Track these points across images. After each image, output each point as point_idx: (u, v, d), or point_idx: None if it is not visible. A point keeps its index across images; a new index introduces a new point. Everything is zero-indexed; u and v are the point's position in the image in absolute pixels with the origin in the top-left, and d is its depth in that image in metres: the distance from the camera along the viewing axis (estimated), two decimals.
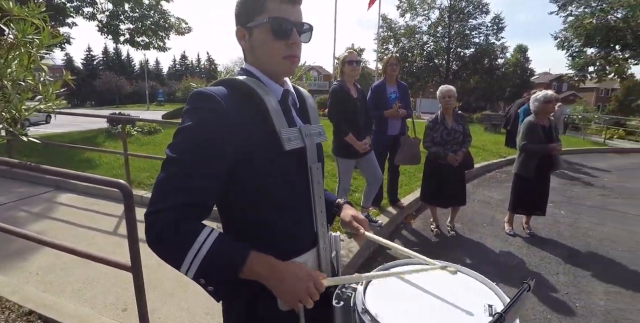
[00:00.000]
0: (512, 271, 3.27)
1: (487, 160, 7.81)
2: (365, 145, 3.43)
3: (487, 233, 4.09)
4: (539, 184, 3.87)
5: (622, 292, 2.99)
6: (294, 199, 0.98)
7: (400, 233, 4.02)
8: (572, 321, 2.60)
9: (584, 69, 22.13)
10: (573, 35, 21.51)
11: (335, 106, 3.42)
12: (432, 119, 3.77)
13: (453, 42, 29.91)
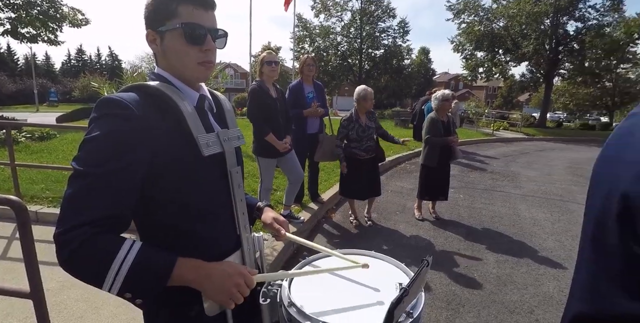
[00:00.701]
0: (422, 251, 3.65)
1: (398, 153, 8.49)
2: (286, 145, 3.50)
3: (400, 220, 4.48)
4: (441, 173, 4.36)
5: (509, 259, 3.54)
6: (215, 204, 0.98)
7: (322, 228, 4.19)
8: (471, 289, 3.00)
9: (475, 69, 25.11)
10: (466, 40, 24.29)
11: (255, 106, 3.43)
12: (347, 118, 3.98)
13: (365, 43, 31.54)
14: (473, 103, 18.62)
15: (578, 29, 21.65)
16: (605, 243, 0.63)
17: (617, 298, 0.61)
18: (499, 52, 24.05)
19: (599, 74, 22.48)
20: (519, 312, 2.71)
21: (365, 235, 4.01)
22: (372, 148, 4.01)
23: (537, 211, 5.09)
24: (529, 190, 6.28)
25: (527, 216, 4.85)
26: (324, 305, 1.04)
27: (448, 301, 2.81)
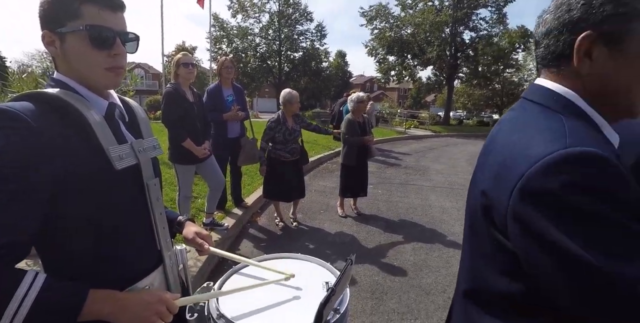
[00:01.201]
0: (347, 247, 3.80)
1: (320, 154, 8.73)
2: (205, 150, 3.38)
3: (324, 219, 4.61)
4: (360, 170, 4.60)
5: (423, 246, 3.87)
6: (132, 221, 0.91)
7: (248, 233, 4.13)
8: (392, 277, 3.21)
9: (387, 72, 26.92)
10: (378, 45, 25.90)
11: (170, 110, 3.24)
12: (275, 120, 3.98)
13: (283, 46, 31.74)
14: (387, 104, 20.03)
15: (472, 38, 24.52)
16: (478, 231, 0.75)
17: (491, 276, 0.72)
18: (407, 57, 26.09)
19: (489, 78, 25.68)
20: (434, 292, 2.99)
21: (291, 236, 4.05)
22: (296, 150, 4.07)
23: (444, 200, 5.65)
24: (438, 182, 6.94)
25: (436, 205, 5.36)
26: (253, 313, 1.05)
27: (372, 291, 2.98)
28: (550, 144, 0.60)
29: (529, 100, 0.76)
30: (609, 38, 0.64)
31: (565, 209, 0.56)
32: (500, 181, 0.65)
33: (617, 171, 0.57)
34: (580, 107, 0.69)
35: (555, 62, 0.71)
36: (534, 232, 0.59)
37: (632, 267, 0.54)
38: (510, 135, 0.71)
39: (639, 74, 0.66)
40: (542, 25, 0.72)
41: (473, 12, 23.79)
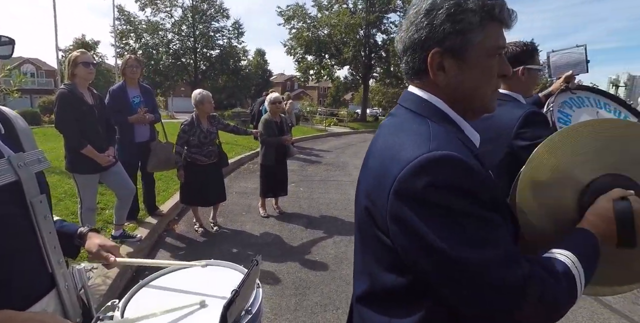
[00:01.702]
0: (270, 247, 3.84)
1: (240, 154, 8.61)
2: (109, 157, 3.13)
3: (246, 221, 4.58)
4: (279, 170, 4.66)
5: (343, 239, 4.07)
6: (15, 243, 0.82)
7: (164, 242, 3.92)
8: (315, 271, 3.34)
9: (306, 71, 27.35)
10: (297, 45, 26.14)
11: (65, 114, 2.93)
12: (188, 122, 3.82)
13: (199, 43, 30.30)
14: (307, 102, 20.40)
15: (384, 40, 26.09)
16: (365, 231, 0.80)
17: (379, 274, 0.77)
18: (325, 57, 26.80)
19: (400, 77, 27.61)
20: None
21: (212, 242, 3.95)
22: (214, 153, 3.96)
23: None
24: (356, 177, 7.21)
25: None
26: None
27: (296, 287, 3.06)
28: (417, 148, 0.66)
29: (403, 106, 0.83)
30: (453, 51, 0.73)
31: (430, 207, 0.63)
32: (379, 183, 0.70)
33: (472, 170, 0.65)
34: (445, 111, 0.78)
35: (417, 75, 0.79)
36: (408, 230, 0.65)
37: (484, 253, 0.62)
38: (387, 139, 0.78)
39: (482, 75, 0.76)
40: (400, 42, 0.80)
41: (384, 16, 25.33)
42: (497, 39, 0.75)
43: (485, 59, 0.75)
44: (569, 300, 0.69)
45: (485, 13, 0.72)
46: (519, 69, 1.78)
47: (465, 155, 0.67)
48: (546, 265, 0.70)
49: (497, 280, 0.62)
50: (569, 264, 0.70)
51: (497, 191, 0.74)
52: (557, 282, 0.67)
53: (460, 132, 0.78)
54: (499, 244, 0.64)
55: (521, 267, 0.64)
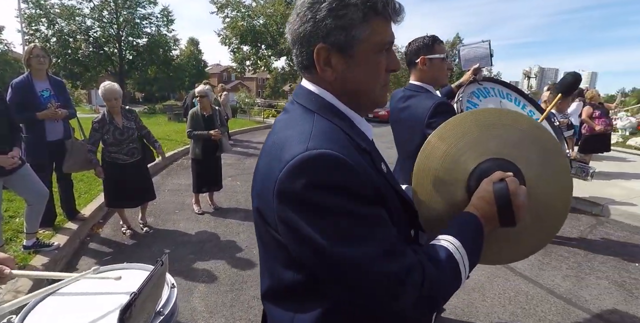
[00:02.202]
0: (205, 245, 3.74)
1: (173, 150, 8.20)
2: (14, 159, 2.80)
3: (179, 219, 4.40)
4: (211, 164, 4.52)
5: None
6: None
7: (88, 248, 3.64)
8: (251, 266, 3.31)
9: (243, 62, 26.55)
10: (232, 34, 25.16)
11: None
12: (99, 119, 3.51)
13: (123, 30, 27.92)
14: (243, 94, 19.80)
15: None
16: (261, 230, 0.80)
17: (279, 271, 0.78)
18: (262, 47, 26.21)
19: None
20: None
21: (142, 244, 3.74)
22: (136, 150, 3.69)
23: None
24: None
25: None
26: None
27: (232, 283, 3.03)
28: (296, 147, 0.66)
29: (295, 101, 0.81)
30: (339, 47, 0.72)
31: (310, 207, 0.63)
32: (265, 184, 0.70)
33: (349, 167, 0.64)
34: (336, 106, 0.77)
35: (307, 69, 0.78)
36: (292, 231, 0.66)
37: (363, 249, 0.63)
38: (276, 136, 0.76)
39: (369, 71, 0.76)
40: (289, 34, 0.77)
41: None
42: (383, 35, 0.75)
43: (372, 54, 0.74)
44: (452, 285, 0.73)
45: (368, 8, 0.71)
46: (420, 59, 1.91)
47: (347, 151, 0.67)
48: (430, 253, 0.73)
49: (376, 274, 0.64)
50: (452, 250, 0.74)
51: (384, 183, 0.75)
52: (440, 270, 0.70)
53: (351, 126, 0.78)
54: (378, 239, 0.65)
55: (402, 259, 0.66)
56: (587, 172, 3.34)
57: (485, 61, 2.50)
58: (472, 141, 0.92)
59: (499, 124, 0.94)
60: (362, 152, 0.73)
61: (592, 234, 4.36)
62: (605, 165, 7.36)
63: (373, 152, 0.78)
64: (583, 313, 2.78)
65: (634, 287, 3.17)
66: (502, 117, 0.96)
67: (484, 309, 2.77)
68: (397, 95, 2.12)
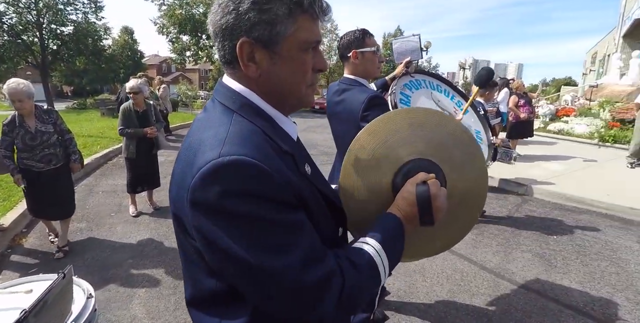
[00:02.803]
0: (146, 247, 3.55)
1: (107, 147, 7.60)
2: None
3: (116, 222, 4.14)
4: (147, 163, 4.29)
5: None
6: None
7: (10, 261, 3.30)
8: None
9: (182, 53, 25.22)
10: (169, 23, 23.72)
11: None
12: (7, 122, 3.07)
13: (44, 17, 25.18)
14: (184, 86, 18.73)
15: None
16: (180, 239, 0.76)
17: (202, 278, 0.74)
18: (202, 37, 25.07)
19: None
20: None
21: (74, 252, 3.45)
22: (54, 156, 3.20)
23: None
24: None
25: None
26: None
27: (175, 286, 2.92)
28: (209, 152, 0.63)
29: (216, 99, 0.77)
30: (264, 42, 0.69)
31: (224, 216, 0.61)
32: (180, 192, 0.67)
33: (265, 173, 0.62)
34: (257, 104, 0.74)
35: (229, 64, 0.73)
36: (208, 241, 0.63)
37: (281, 259, 0.62)
38: (192, 138, 0.72)
39: (295, 69, 0.73)
40: (210, 25, 0.73)
41: None
42: (309, 33, 0.72)
43: (298, 52, 0.72)
44: (372, 287, 0.75)
45: (294, 4, 0.69)
46: (352, 53, 1.93)
47: (264, 156, 0.64)
48: (351, 257, 0.73)
49: (295, 282, 0.63)
50: (373, 254, 0.75)
51: (306, 186, 0.73)
52: (360, 273, 0.71)
53: (274, 127, 0.75)
54: (296, 247, 0.64)
55: (321, 265, 0.66)
56: (510, 157, 3.64)
57: (416, 54, 2.58)
58: (401, 140, 0.93)
59: (428, 124, 0.96)
60: (283, 154, 0.71)
61: (518, 212, 4.79)
62: (530, 149, 8.08)
63: (296, 154, 0.75)
64: (510, 284, 3.06)
65: (553, 257, 3.54)
66: (431, 117, 0.98)
67: (424, 289, 2.94)
68: (333, 88, 2.14)
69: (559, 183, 5.64)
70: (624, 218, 4.63)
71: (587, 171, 6.55)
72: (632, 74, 11.52)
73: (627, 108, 8.90)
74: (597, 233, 4.15)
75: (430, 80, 2.56)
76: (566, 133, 9.96)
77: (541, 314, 2.67)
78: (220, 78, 0.80)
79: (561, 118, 11.37)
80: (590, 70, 22.18)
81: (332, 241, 0.79)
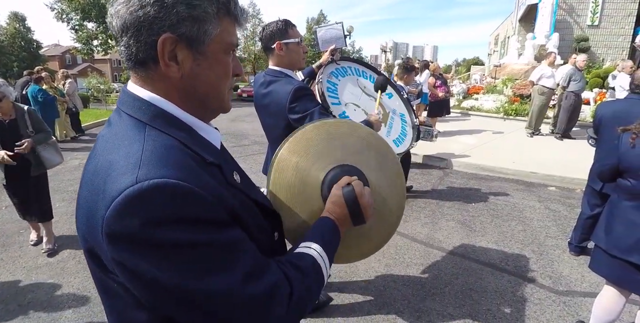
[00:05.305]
0: (68, 263, 3.23)
1: None
2: None
3: (27, 239, 3.64)
4: (28, 189, 3.30)
5: None
6: None
7: None
8: None
9: (89, 42, 22.63)
10: (70, 9, 20.97)
11: None
12: None
13: None
14: (95, 79, 16.82)
15: None
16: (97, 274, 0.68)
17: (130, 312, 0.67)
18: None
19: None
20: None
21: None
22: None
23: None
24: None
25: None
26: None
27: None
28: (123, 178, 0.56)
29: (122, 110, 0.68)
30: (189, 40, 0.64)
31: (151, 247, 0.55)
32: (91, 224, 0.59)
33: (192, 194, 0.57)
34: (172, 113, 0.68)
35: (142, 65, 0.65)
36: (136, 276, 0.57)
37: (223, 279, 0.59)
38: (98, 159, 0.63)
39: (220, 72, 0.70)
40: (116, 17, 0.63)
41: None
42: (232, 36, 0.70)
43: (222, 54, 0.69)
44: (318, 287, 0.78)
45: (221, 5, 0.66)
46: (276, 44, 1.91)
47: (188, 173, 0.59)
48: (296, 262, 0.75)
49: (243, 298, 0.61)
50: (316, 256, 0.78)
51: (238, 197, 0.71)
52: (306, 277, 0.73)
53: (193, 137, 0.69)
54: (236, 264, 0.61)
55: (266, 277, 0.65)
56: (432, 134, 3.92)
57: (340, 42, 2.61)
58: (319, 152, 0.98)
59: (340, 134, 1.02)
60: (208, 166, 0.66)
61: (441, 185, 5.23)
62: (448, 126, 8.78)
63: (222, 164, 0.71)
64: (439, 252, 3.36)
65: (472, 223, 3.95)
66: (342, 127, 1.05)
67: (363, 267, 3.10)
68: (259, 80, 2.10)
69: (474, 155, 6.26)
70: (527, 181, 5.31)
71: (495, 142, 7.34)
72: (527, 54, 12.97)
73: (524, 85, 10.05)
74: (506, 197, 4.71)
75: (356, 67, 2.63)
76: (477, 109, 10.99)
77: (465, 274, 2.99)
78: (124, 86, 0.72)
79: (472, 96, 12.49)
80: (494, 51, 24.49)
81: (269, 247, 0.80)
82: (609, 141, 2.16)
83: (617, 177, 2.01)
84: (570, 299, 2.69)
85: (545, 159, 6.02)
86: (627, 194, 1.94)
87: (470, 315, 2.51)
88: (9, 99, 3.04)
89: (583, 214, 3.20)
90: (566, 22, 13.68)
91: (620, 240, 1.91)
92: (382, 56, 31.34)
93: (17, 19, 33.81)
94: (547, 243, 3.52)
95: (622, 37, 13.38)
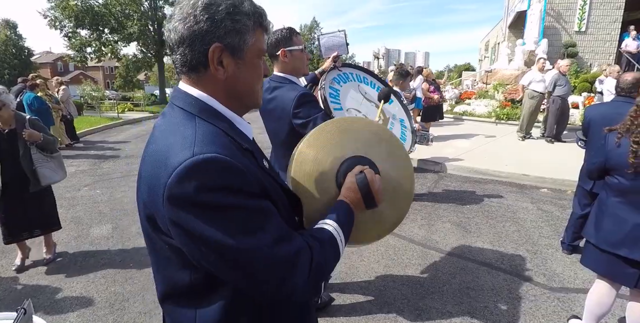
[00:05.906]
0: (71, 267, 3.24)
1: None
2: None
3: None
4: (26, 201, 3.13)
5: None
6: None
7: None
8: (131, 280, 3.04)
9: (82, 49, 22.53)
10: (63, 16, 20.91)
11: None
12: None
13: None
14: (88, 87, 16.80)
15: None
16: (152, 238, 0.81)
17: (176, 273, 0.80)
18: (104, 31, 22.65)
19: None
20: None
21: None
22: None
23: None
24: None
25: None
26: None
27: (111, 304, 2.74)
28: (182, 153, 0.69)
29: (175, 104, 0.83)
30: (233, 49, 0.79)
31: (203, 208, 0.68)
32: (152, 192, 0.72)
33: (235, 168, 0.71)
34: (215, 108, 0.82)
35: (195, 69, 0.80)
36: (188, 233, 0.69)
37: (256, 239, 0.71)
38: (158, 142, 0.78)
39: (255, 73, 0.86)
40: (174, 32, 0.79)
41: None
42: (262, 44, 0.86)
43: (255, 59, 0.84)
44: (335, 259, 0.88)
45: (256, 18, 0.82)
46: (280, 51, 1.98)
47: (231, 153, 0.72)
48: (315, 235, 0.86)
49: (270, 257, 0.72)
50: (333, 231, 0.89)
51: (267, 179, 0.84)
52: (324, 247, 0.83)
53: (232, 127, 0.83)
54: (269, 228, 0.74)
55: (292, 242, 0.76)
56: (427, 139, 4.01)
57: (342, 49, 2.68)
58: (335, 145, 1.09)
59: (354, 129, 1.15)
60: (245, 152, 0.80)
61: (436, 188, 5.32)
62: (443, 130, 8.92)
63: (255, 151, 0.85)
64: (436, 252, 3.43)
65: (467, 224, 4.03)
66: (356, 123, 1.19)
67: (363, 268, 3.16)
68: (264, 85, 2.16)
69: (467, 159, 6.37)
70: (520, 183, 5.42)
71: (488, 146, 7.47)
72: (517, 60, 13.22)
73: (515, 89, 10.25)
74: (500, 199, 4.81)
75: (357, 73, 2.70)
76: (469, 114, 11.17)
77: (462, 274, 3.06)
78: (175, 85, 0.88)
79: (464, 100, 12.68)
80: (485, 57, 24.89)
81: (292, 228, 0.89)
82: (598, 141, 2.26)
83: (605, 175, 2.11)
84: (564, 295, 2.77)
85: (537, 161, 6.15)
86: (615, 191, 2.03)
87: (468, 312, 2.57)
88: (10, 107, 2.95)
89: (574, 214, 3.30)
90: (554, 29, 13.99)
91: (610, 235, 2.00)
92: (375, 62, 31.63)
93: (8, 26, 33.66)
94: (541, 242, 3.61)
95: (608, 43, 13.70)
